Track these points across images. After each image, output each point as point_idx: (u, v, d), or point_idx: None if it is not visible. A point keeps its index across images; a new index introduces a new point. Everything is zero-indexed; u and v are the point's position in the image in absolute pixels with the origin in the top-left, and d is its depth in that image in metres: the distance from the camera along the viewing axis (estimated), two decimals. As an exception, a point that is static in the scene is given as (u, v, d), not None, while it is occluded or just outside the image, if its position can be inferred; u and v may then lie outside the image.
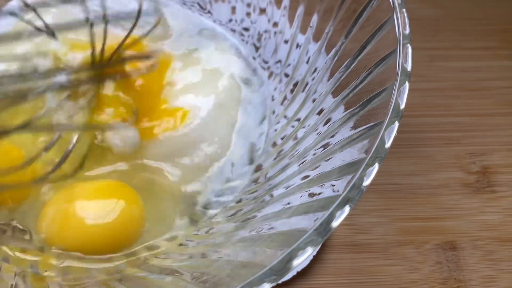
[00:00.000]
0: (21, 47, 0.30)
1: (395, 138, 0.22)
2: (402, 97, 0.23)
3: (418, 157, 0.37)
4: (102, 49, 0.26)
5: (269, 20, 0.37)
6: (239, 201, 0.31)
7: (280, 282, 0.20)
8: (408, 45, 0.24)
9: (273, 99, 0.35)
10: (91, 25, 0.25)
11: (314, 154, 0.27)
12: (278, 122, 0.34)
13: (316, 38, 0.32)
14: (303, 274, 0.32)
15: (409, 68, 0.24)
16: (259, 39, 0.37)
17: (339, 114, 0.28)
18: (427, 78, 0.41)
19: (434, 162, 0.37)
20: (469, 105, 0.40)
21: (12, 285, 0.26)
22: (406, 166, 0.37)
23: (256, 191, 0.30)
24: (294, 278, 0.32)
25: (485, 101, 0.40)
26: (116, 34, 0.28)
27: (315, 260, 0.32)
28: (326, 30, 0.31)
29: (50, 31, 0.25)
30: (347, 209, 0.20)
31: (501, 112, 0.40)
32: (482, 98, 0.40)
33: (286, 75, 0.35)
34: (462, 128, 0.39)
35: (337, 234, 0.34)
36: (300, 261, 0.19)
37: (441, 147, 0.38)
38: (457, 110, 0.40)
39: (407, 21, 0.25)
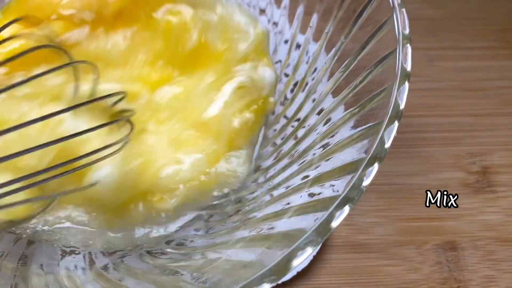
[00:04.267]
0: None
1: (395, 138, 0.22)
2: (402, 97, 0.23)
3: (418, 157, 0.37)
4: None
5: (269, 20, 0.36)
6: (239, 201, 0.31)
7: (280, 282, 0.20)
8: (408, 45, 0.24)
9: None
10: None
11: (314, 154, 0.27)
12: (278, 122, 0.34)
13: (316, 38, 0.32)
14: (303, 274, 0.32)
15: (408, 68, 0.24)
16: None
17: (339, 114, 0.28)
18: (427, 78, 0.41)
19: (434, 162, 0.37)
20: (469, 105, 0.40)
21: (12, 285, 0.26)
22: (406, 166, 0.37)
23: (256, 191, 0.30)
24: (294, 278, 0.32)
25: (485, 101, 0.40)
26: None
27: (315, 260, 0.32)
28: (326, 30, 0.31)
29: None
30: (346, 209, 0.20)
31: (501, 112, 0.40)
32: (482, 98, 0.40)
33: (286, 75, 0.35)
34: (462, 128, 0.39)
35: (337, 234, 0.34)
36: (300, 261, 0.19)
37: (441, 147, 0.38)
38: (457, 110, 0.40)
39: (406, 21, 0.25)
